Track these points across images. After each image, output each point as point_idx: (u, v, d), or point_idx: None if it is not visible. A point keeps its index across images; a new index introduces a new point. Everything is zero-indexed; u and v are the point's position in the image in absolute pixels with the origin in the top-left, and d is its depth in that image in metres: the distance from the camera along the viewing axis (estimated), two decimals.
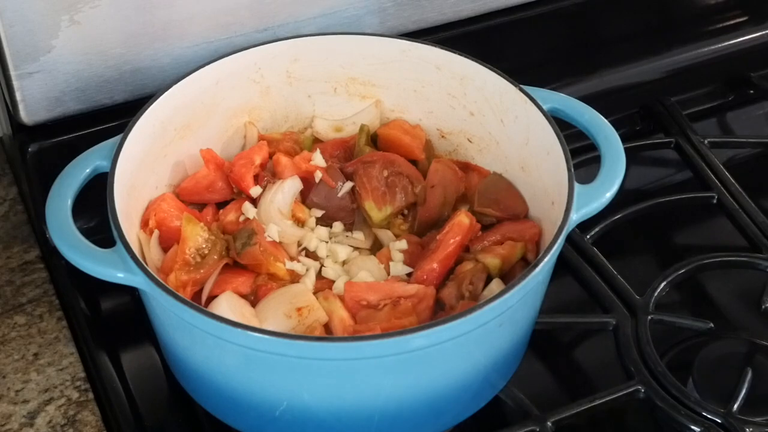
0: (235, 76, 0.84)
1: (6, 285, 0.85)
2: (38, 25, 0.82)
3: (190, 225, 0.75)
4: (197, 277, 0.74)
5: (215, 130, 0.85)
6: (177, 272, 0.74)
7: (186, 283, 0.74)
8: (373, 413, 0.71)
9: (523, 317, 0.74)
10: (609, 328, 0.84)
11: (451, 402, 0.73)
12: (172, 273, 0.74)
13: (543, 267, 0.69)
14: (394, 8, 0.94)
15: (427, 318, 0.74)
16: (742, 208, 0.94)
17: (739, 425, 0.77)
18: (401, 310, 0.73)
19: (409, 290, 0.75)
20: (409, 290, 0.75)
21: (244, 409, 0.72)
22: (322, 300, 0.75)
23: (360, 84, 0.87)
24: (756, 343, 0.85)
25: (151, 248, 0.77)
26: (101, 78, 0.87)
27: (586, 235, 0.90)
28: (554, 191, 0.76)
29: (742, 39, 1.09)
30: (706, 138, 1.01)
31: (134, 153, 0.77)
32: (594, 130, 0.79)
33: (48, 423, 0.77)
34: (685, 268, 0.89)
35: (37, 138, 0.89)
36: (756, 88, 1.10)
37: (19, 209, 0.91)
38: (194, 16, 0.88)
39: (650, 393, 0.80)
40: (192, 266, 0.75)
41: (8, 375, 0.79)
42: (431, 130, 0.88)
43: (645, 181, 1.02)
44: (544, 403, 0.79)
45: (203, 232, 0.76)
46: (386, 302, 0.74)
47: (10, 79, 0.84)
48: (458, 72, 0.83)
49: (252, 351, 0.67)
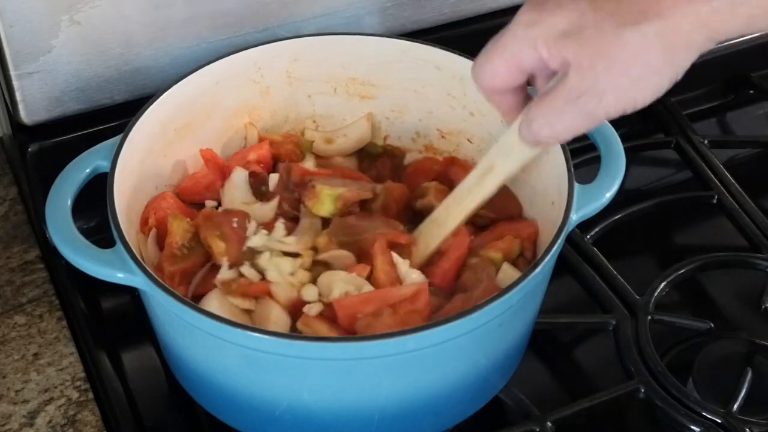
0: (235, 76, 0.84)
1: (6, 285, 0.85)
2: (38, 25, 0.82)
3: (176, 221, 0.77)
4: (186, 267, 0.76)
5: (215, 130, 0.85)
6: (165, 264, 0.75)
7: (174, 273, 0.75)
8: (374, 413, 0.71)
9: (523, 317, 0.74)
10: (609, 328, 0.84)
11: (451, 402, 0.73)
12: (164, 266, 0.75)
13: (543, 267, 0.69)
14: (394, 8, 0.94)
15: (426, 312, 0.73)
16: (742, 208, 0.94)
17: (739, 425, 0.77)
18: (404, 314, 0.72)
19: (405, 292, 0.73)
20: (405, 292, 0.73)
21: (245, 409, 0.72)
22: (304, 327, 0.72)
23: (360, 84, 0.87)
24: (756, 343, 0.85)
25: (148, 246, 0.78)
26: (101, 78, 0.87)
27: (586, 235, 0.90)
28: (554, 191, 0.76)
29: (742, 39, 1.09)
30: (706, 138, 1.01)
31: (134, 153, 0.77)
32: (594, 131, 0.79)
33: (48, 423, 0.77)
34: (685, 268, 0.89)
35: (37, 138, 0.89)
36: (756, 88, 1.10)
37: (19, 209, 0.91)
38: (194, 16, 0.88)
39: (650, 393, 0.80)
40: (179, 258, 0.76)
41: (8, 375, 0.79)
42: (431, 131, 0.88)
43: (645, 181, 1.02)
44: (544, 403, 0.79)
45: (189, 227, 0.78)
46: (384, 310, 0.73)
47: (10, 79, 0.84)
48: (458, 72, 0.83)
49: (252, 351, 0.67)
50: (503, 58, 0.68)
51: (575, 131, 0.67)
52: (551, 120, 0.67)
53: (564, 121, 0.66)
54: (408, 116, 0.88)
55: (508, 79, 0.69)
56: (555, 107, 0.66)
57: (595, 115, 0.65)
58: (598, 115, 0.65)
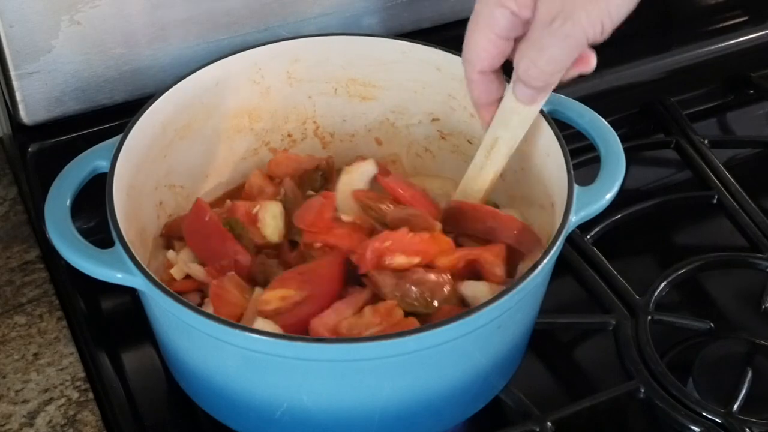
0: (235, 76, 0.84)
1: (6, 285, 0.85)
2: (38, 25, 0.82)
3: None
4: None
5: (215, 130, 0.85)
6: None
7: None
8: (373, 414, 0.71)
9: (523, 318, 0.74)
10: (609, 328, 0.85)
11: (450, 403, 0.73)
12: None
13: (542, 269, 0.69)
14: (394, 8, 0.94)
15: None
16: (742, 208, 0.94)
17: (739, 425, 0.77)
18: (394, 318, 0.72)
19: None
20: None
21: (244, 411, 0.72)
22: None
23: (360, 85, 0.87)
24: (756, 343, 0.85)
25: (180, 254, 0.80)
26: (101, 78, 0.87)
27: (586, 235, 0.90)
28: (554, 193, 0.76)
29: (742, 39, 1.09)
30: (706, 138, 1.01)
31: (134, 153, 0.77)
32: (594, 132, 0.79)
33: (48, 423, 0.77)
34: (685, 268, 0.89)
35: (37, 138, 0.89)
36: (756, 88, 1.10)
37: (19, 209, 0.91)
38: (194, 16, 0.88)
39: (650, 393, 0.80)
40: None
41: (8, 375, 0.79)
42: (431, 132, 0.88)
43: (645, 181, 1.01)
44: (544, 403, 0.79)
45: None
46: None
47: (10, 79, 0.84)
48: (459, 73, 0.83)
49: (250, 352, 0.67)
50: (481, 30, 0.71)
51: (560, 63, 0.69)
52: (533, 56, 0.68)
53: (545, 53, 0.68)
54: (408, 117, 0.88)
55: (493, 52, 0.71)
56: (533, 42, 0.68)
57: (573, 36, 0.67)
58: (576, 36, 0.66)
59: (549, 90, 0.74)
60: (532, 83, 0.71)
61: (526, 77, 0.70)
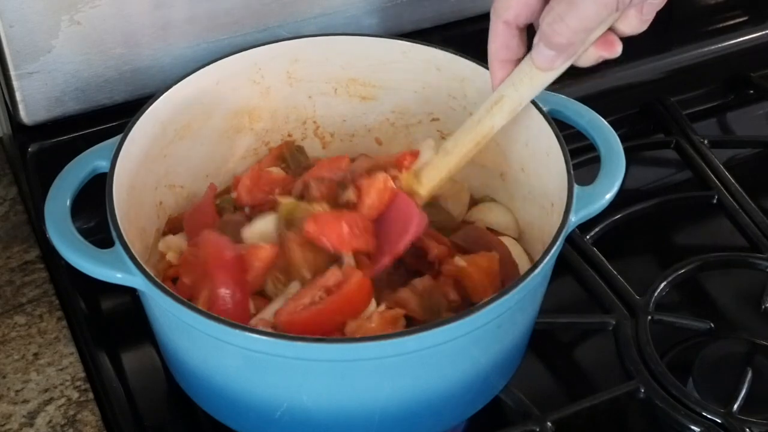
0: (235, 76, 0.84)
1: (6, 285, 0.85)
2: (38, 25, 0.82)
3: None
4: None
5: (215, 130, 0.85)
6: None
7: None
8: (373, 414, 0.71)
9: (523, 318, 0.74)
10: (609, 328, 0.85)
11: (450, 403, 0.73)
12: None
13: (542, 269, 0.69)
14: (394, 9, 0.94)
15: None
16: (742, 208, 0.94)
17: (739, 425, 0.77)
18: (390, 317, 0.72)
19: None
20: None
21: (244, 411, 0.72)
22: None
23: (360, 85, 0.87)
24: (756, 343, 0.85)
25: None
26: (101, 78, 0.87)
27: (586, 235, 0.90)
28: (554, 193, 0.76)
29: (742, 39, 1.09)
30: (706, 138, 1.01)
31: (134, 153, 0.77)
32: (594, 132, 0.79)
33: (48, 423, 0.77)
34: (685, 268, 0.89)
35: (37, 138, 0.89)
36: (756, 88, 1.10)
37: (19, 209, 0.91)
38: (194, 16, 0.88)
39: (650, 393, 0.80)
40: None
41: (8, 375, 0.79)
42: (431, 132, 0.88)
43: (645, 181, 1.02)
44: (544, 403, 0.79)
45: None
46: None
47: (10, 79, 0.84)
48: (459, 73, 0.83)
49: (250, 352, 0.67)
50: None
51: (588, 21, 0.66)
52: (562, 10, 0.65)
53: (576, 8, 0.65)
54: (408, 117, 0.88)
55: (522, 2, 0.70)
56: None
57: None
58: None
59: (567, 57, 0.71)
60: (555, 39, 0.67)
61: (551, 31, 0.67)
